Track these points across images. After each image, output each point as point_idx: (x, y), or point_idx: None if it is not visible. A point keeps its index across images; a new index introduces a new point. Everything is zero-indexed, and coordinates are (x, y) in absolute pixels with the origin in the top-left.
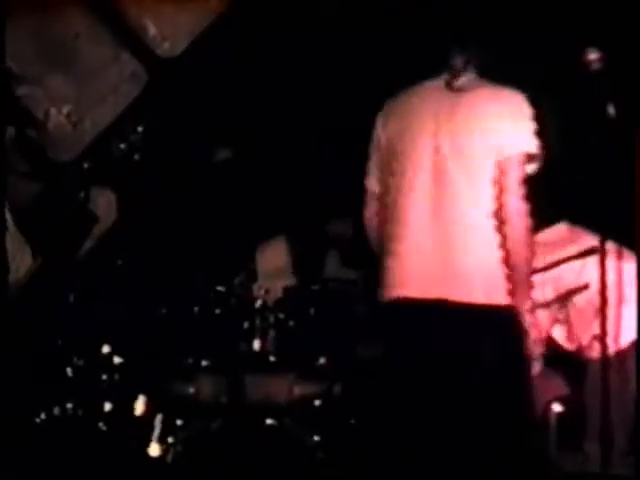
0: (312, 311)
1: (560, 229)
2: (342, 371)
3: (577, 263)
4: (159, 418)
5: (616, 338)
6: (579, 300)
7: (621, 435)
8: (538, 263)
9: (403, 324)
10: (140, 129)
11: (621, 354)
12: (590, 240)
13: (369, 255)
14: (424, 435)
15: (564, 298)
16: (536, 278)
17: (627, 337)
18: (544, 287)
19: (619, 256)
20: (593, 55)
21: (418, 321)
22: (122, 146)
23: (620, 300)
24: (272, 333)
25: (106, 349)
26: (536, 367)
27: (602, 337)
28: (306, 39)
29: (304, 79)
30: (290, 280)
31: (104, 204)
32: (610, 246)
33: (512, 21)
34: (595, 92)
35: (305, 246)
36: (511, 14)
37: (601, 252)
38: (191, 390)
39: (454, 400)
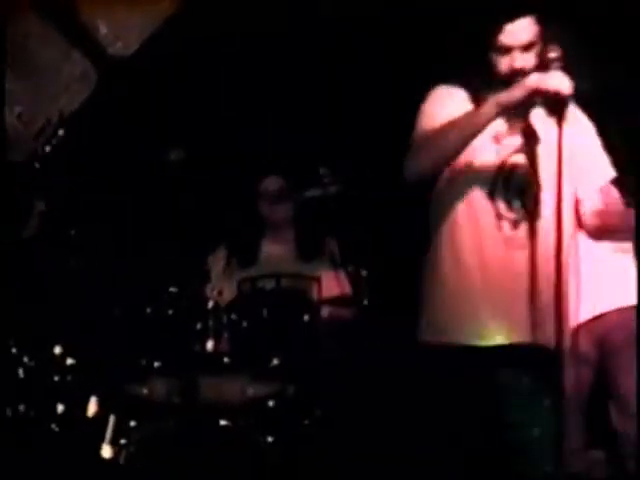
0: (265, 311)
1: None
2: (296, 371)
3: None
4: (112, 419)
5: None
6: None
7: (575, 433)
8: None
9: None
10: (61, 132)
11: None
12: None
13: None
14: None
15: None
16: None
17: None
18: None
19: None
20: (552, 54)
21: None
22: (46, 149)
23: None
24: (225, 334)
25: (58, 350)
26: None
27: (559, 331)
28: (258, 39)
29: (255, 78)
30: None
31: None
32: None
33: None
34: None
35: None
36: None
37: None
38: (144, 391)
39: None
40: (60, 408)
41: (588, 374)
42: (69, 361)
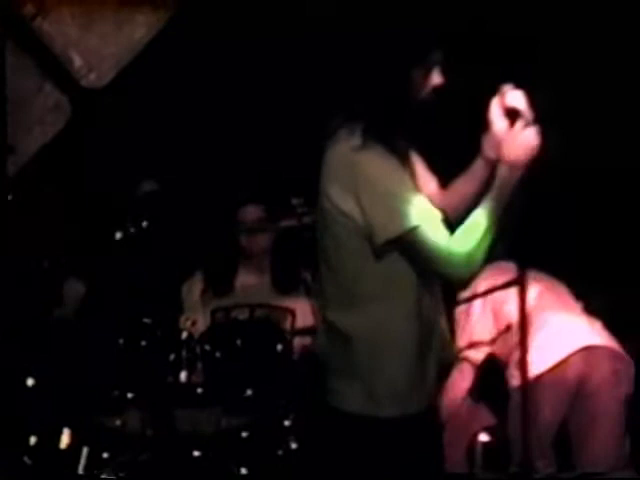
0: (239, 342)
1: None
2: (269, 402)
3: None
4: (85, 451)
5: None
6: None
7: (542, 463)
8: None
9: None
10: (145, 224)
11: (539, 380)
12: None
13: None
14: None
15: None
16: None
17: (542, 363)
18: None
19: (537, 282)
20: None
21: None
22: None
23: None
24: (199, 365)
25: (30, 382)
26: None
27: (522, 366)
28: (235, 69)
29: (234, 106)
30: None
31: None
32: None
33: None
34: None
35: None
36: None
37: (520, 284)
38: (117, 422)
39: None
40: (32, 440)
41: (562, 410)
42: (41, 393)
